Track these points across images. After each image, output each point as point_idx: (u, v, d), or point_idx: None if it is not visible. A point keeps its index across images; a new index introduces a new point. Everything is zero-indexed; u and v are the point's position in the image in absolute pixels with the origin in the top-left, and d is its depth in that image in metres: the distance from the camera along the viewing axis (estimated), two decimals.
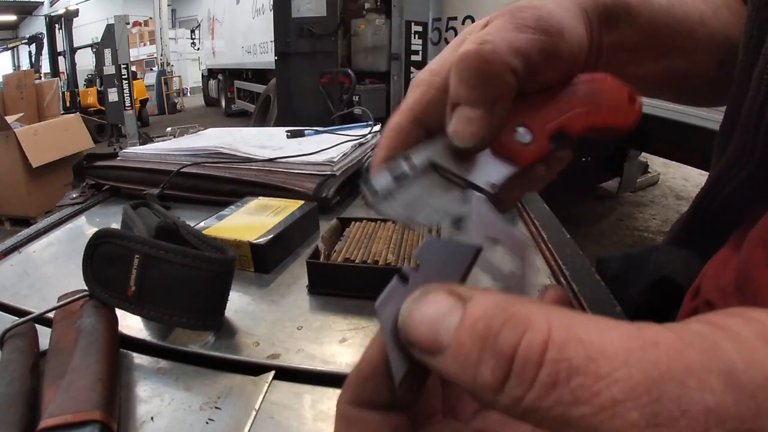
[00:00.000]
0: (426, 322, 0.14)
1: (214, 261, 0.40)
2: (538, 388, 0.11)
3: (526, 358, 0.11)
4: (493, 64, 0.19)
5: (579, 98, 0.23)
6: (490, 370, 0.12)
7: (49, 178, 3.31)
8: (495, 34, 0.20)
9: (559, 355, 0.11)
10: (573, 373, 0.11)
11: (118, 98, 4.43)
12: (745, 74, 0.28)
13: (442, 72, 0.22)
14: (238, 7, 5.86)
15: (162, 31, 11.70)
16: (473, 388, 0.12)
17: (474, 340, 0.12)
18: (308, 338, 0.42)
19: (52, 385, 0.31)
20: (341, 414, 0.16)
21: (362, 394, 0.16)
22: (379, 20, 2.87)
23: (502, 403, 0.12)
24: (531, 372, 0.11)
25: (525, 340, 0.12)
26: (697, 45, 0.29)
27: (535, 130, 0.21)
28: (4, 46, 11.00)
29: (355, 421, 0.15)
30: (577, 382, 0.11)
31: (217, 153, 0.83)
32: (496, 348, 0.12)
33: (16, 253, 0.62)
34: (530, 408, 0.11)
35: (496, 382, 0.12)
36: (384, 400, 0.15)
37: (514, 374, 0.12)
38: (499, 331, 0.12)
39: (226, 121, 7.41)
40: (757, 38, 0.27)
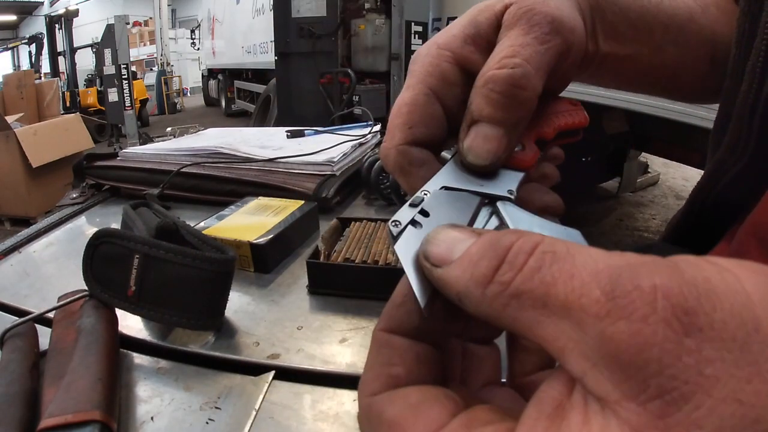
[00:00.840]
0: (446, 241, 0.16)
1: (214, 261, 0.40)
2: (525, 271, 0.13)
3: (519, 249, 0.14)
4: (524, 90, 0.20)
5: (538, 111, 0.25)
6: (487, 261, 0.14)
7: (49, 178, 3.31)
8: (522, 53, 0.20)
9: (548, 248, 0.13)
10: (555, 260, 0.13)
11: (118, 98, 4.43)
12: (737, 68, 0.28)
13: (451, 46, 0.22)
14: (238, 7, 5.86)
15: (162, 31, 11.70)
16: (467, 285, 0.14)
17: (479, 248, 0.15)
18: (308, 338, 0.42)
19: (52, 385, 0.31)
20: (374, 339, 0.17)
21: (393, 321, 0.17)
22: (379, 20, 2.87)
23: (489, 294, 0.14)
24: (522, 259, 0.13)
25: (521, 240, 0.14)
26: (687, 41, 0.30)
27: (523, 140, 0.23)
28: (4, 46, 11.00)
29: (386, 344, 0.17)
30: (557, 267, 0.13)
31: (217, 153, 0.83)
32: (497, 245, 0.14)
33: (16, 253, 0.62)
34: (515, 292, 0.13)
35: (489, 269, 0.14)
36: (412, 327, 0.17)
37: (507, 261, 0.14)
38: (503, 236, 0.14)
39: (226, 121, 7.41)
40: (749, 32, 0.27)
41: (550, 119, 0.25)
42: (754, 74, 0.26)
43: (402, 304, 0.17)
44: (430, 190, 0.21)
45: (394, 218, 0.20)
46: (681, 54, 0.30)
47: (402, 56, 2.71)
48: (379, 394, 0.16)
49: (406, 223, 0.19)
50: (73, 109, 6.16)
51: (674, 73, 0.31)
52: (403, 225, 0.19)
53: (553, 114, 0.26)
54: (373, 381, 0.16)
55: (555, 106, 0.27)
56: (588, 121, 0.26)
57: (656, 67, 0.29)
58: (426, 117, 0.22)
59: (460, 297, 0.15)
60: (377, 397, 0.16)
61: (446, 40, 0.22)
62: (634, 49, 0.28)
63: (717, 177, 0.31)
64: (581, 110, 0.27)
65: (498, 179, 0.22)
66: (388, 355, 0.17)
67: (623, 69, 0.28)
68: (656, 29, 0.28)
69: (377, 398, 0.16)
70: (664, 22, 0.29)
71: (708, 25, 0.31)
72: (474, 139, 0.20)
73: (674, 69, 0.30)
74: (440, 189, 0.21)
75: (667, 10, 0.29)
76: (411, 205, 0.20)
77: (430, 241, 0.16)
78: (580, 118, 0.26)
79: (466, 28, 0.23)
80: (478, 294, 0.14)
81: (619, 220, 3.09)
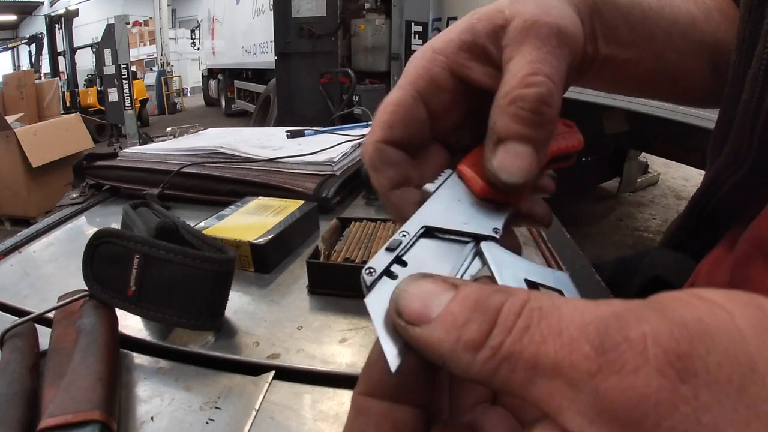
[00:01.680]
0: (420, 295, 0.15)
1: (214, 261, 0.40)
2: (515, 332, 0.13)
3: (509, 311, 0.13)
4: (551, 108, 0.19)
5: None
6: (477, 326, 0.13)
7: (49, 178, 3.31)
8: (543, 70, 0.20)
9: (534, 305, 0.13)
10: (543, 316, 0.13)
11: (118, 98, 4.43)
12: (738, 76, 0.28)
13: (446, 51, 0.22)
14: (238, 7, 5.86)
15: (162, 31, 11.70)
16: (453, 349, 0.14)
17: (464, 307, 0.14)
18: (308, 338, 0.42)
19: (52, 385, 0.31)
20: (353, 402, 0.17)
21: (369, 383, 0.16)
22: (379, 20, 2.87)
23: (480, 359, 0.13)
24: (511, 320, 0.13)
25: (510, 300, 0.14)
26: (689, 46, 0.29)
27: None
28: (4, 46, 11.00)
29: (363, 411, 0.16)
30: (545, 324, 0.13)
31: (217, 153, 0.83)
32: (485, 307, 0.14)
33: (16, 253, 0.62)
34: (506, 355, 0.13)
35: (481, 335, 0.13)
36: (389, 385, 0.16)
37: (498, 324, 0.13)
38: (489, 297, 0.14)
39: (226, 121, 7.41)
40: (750, 40, 0.27)
41: None
42: (756, 83, 0.26)
43: (376, 363, 0.16)
44: (410, 231, 0.19)
45: (368, 265, 0.18)
46: (682, 60, 0.29)
47: (402, 56, 2.71)
48: None
49: (381, 272, 0.18)
50: (73, 109, 6.16)
51: (675, 78, 0.30)
52: (377, 273, 0.18)
53: None
54: None
55: None
56: (583, 144, 0.25)
57: (657, 72, 0.29)
58: (408, 119, 0.22)
59: (444, 360, 0.14)
60: None
61: (442, 45, 0.22)
62: (634, 53, 0.27)
63: (717, 185, 0.31)
64: (576, 132, 0.25)
65: (484, 215, 0.20)
66: (364, 424, 0.16)
67: (624, 73, 0.28)
68: (658, 34, 0.28)
69: None
70: (665, 28, 0.28)
71: (710, 32, 0.30)
72: (505, 158, 0.19)
73: (675, 74, 0.30)
74: (421, 228, 0.20)
75: (668, 15, 0.29)
76: (387, 249, 0.19)
77: (402, 296, 0.15)
78: (574, 141, 0.25)
79: (462, 34, 0.22)
80: (468, 359, 0.13)
81: (619, 220, 3.09)
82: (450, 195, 0.21)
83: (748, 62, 0.27)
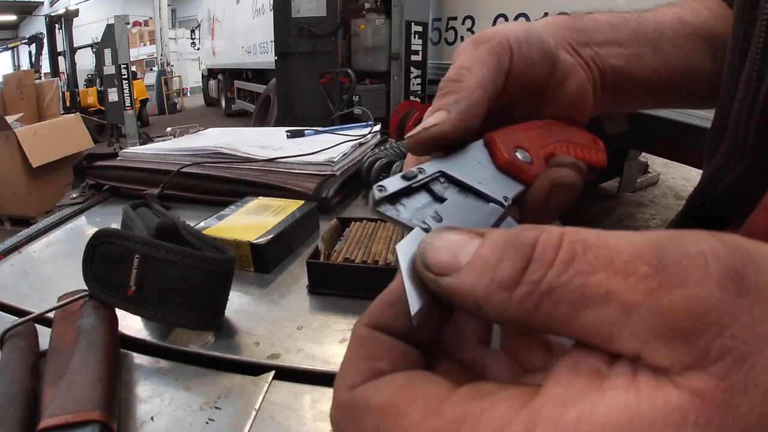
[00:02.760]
0: (447, 246, 0.14)
1: (214, 261, 0.40)
2: (557, 265, 0.12)
3: (546, 244, 0.13)
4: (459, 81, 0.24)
5: (557, 133, 0.25)
6: (511, 263, 0.13)
7: (49, 178, 3.31)
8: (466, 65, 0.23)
9: (575, 237, 0.13)
10: (588, 247, 0.12)
11: (118, 98, 4.43)
12: (733, 76, 0.29)
13: None
14: (238, 7, 5.86)
15: (162, 31, 11.69)
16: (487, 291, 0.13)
17: (495, 249, 0.14)
18: (308, 338, 0.42)
19: (52, 385, 0.31)
20: (356, 333, 0.16)
21: (380, 320, 0.16)
22: (379, 20, 2.87)
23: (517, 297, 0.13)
24: (551, 254, 0.13)
25: (545, 234, 0.13)
26: (684, 40, 0.31)
27: (533, 153, 0.23)
28: (4, 46, 11.00)
29: (369, 340, 0.16)
30: (593, 253, 0.12)
31: (217, 153, 0.83)
32: (518, 243, 0.13)
33: (16, 253, 0.62)
34: (549, 289, 0.12)
35: (516, 272, 0.13)
36: (400, 329, 0.16)
37: (536, 259, 0.13)
38: (521, 234, 0.13)
39: (226, 121, 7.41)
40: (744, 40, 0.28)
41: (569, 146, 0.25)
42: (749, 83, 0.26)
43: (393, 305, 0.16)
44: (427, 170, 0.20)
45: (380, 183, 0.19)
46: (682, 53, 0.31)
47: (402, 56, 2.70)
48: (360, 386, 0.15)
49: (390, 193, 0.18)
50: (73, 109, 6.16)
51: (682, 74, 0.31)
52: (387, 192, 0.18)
53: (572, 143, 0.26)
54: (354, 375, 0.15)
55: (577, 135, 0.27)
56: (605, 163, 0.26)
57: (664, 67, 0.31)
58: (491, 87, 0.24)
59: (479, 305, 0.13)
60: (359, 388, 0.14)
61: None
62: (632, 49, 0.29)
63: (714, 183, 0.31)
64: (602, 151, 0.26)
65: (498, 183, 0.21)
66: (371, 349, 0.15)
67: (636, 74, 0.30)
68: (648, 31, 0.30)
69: (360, 389, 0.14)
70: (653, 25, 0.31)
71: (700, 25, 0.32)
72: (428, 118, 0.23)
73: (681, 69, 0.31)
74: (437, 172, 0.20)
75: (651, 16, 0.31)
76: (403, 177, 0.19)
77: (428, 248, 0.15)
78: (598, 159, 0.26)
79: None
80: (503, 299, 0.13)
81: (619, 220, 3.09)
82: (472, 156, 0.22)
83: (742, 62, 0.27)
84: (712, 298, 0.11)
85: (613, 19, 0.31)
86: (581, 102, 0.28)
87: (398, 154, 0.82)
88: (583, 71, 0.28)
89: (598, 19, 0.30)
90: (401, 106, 1.32)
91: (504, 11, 2.23)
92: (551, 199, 0.22)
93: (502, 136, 0.23)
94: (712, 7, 0.34)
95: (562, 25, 0.29)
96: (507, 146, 0.22)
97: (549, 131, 0.25)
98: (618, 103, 0.31)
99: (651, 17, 0.31)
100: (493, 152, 0.22)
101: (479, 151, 0.22)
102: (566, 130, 0.26)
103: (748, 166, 0.28)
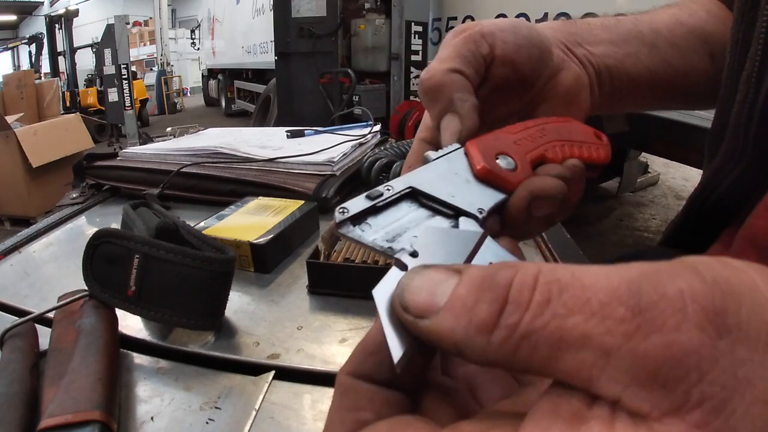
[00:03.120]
0: (424, 286, 0.14)
1: (214, 261, 0.40)
2: (533, 308, 0.12)
3: (521, 286, 0.13)
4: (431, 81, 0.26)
5: (551, 133, 0.24)
6: (487, 305, 0.13)
7: (49, 178, 3.31)
8: None
9: (550, 277, 0.12)
10: (563, 288, 0.12)
11: (118, 98, 4.43)
12: (732, 77, 0.29)
13: None
14: (238, 7, 5.86)
15: (162, 31, 11.69)
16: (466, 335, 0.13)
17: (471, 288, 0.13)
18: (308, 338, 0.42)
19: (52, 385, 0.31)
20: (339, 383, 0.16)
21: (362, 369, 0.16)
22: (379, 20, 2.87)
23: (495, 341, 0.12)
24: (526, 296, 0.12)
25: (519, 274, 0.13)
26: (682, 40, 0.31)
27: (517, 159, 0.22)
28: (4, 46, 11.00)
29: (351, 390, 0.16)
30: (568, 295, 0.12)
31: (217, 153, 0.83)
32: (493, 284, 0.13)
33: (16, 253, 0.62)
34: (526, 333, 0.12)
35: (492, 315, 0.13)
36: (383, 377, 0.16)
37: (511, 302, 0.12)
38: (495, 274, 0.13)
39: (226, 121, 7.41)
40: (744, 41, 0.28)
41: (563, 145, 0.24)
42: (750, 84, 0.26)
43: (373, 353, 0.16)
44: (394, 187, 0.19)
45: (343, 205, 0.18)
46: (679, 53, 0.31)
47: (402, 56, 2.71)
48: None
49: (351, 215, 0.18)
50: (73, 109, 6.15)
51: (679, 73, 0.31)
52: (349, 214, 0.18)
53: (568, 141, 0.24)
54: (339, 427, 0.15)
55: (576, 131, 0.25)
56: (609, 159, 0.24)
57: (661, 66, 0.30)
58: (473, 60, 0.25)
59: (459, 348, 0.13)
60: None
61: None
62: (628, 48, 0.29)
63: (714, 184, 0.31)
64: (605, 146, 0.25)
65: (474, 194, 0.20)
66: (354, 399, 0.16)
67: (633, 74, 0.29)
68: (644, 31, 0.30)
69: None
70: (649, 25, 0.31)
71: (698, 25, 0.32)
72: None
73: (678, 68, 0.31)
74: (407, 188, 0.19)
75: (645, 17, 0.31)
76: (367, 197, 0.19)
77: (406, 290, 0.14)
78: (600, 155, 0.24)
79: None
80: (482, 342, 0.13)
81: (619, 220, 3.09)
82: (449, 167, 0.21)
83: (742, 64, 0.27)
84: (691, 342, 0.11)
85: (606, 22, 0.31)
86: (577, 96, 0.28)
87: (398, 154, 0.82)
88: (577, 67, 0.28)
89: (592, 22, 0.30)
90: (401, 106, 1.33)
91: (504, 11, 2.23)
92: (533, 211, 0.22)
93: (482, 142, 0.22)
94: (710, 9, 0.34)
95: (555, 28, 0.29)
96: (486, 153, 0.21)
97: (541, 131, 0.24)
98: (616, 103, 0.31)
99: (647, 18, 0.31)
100: (471, 161, 0.21)
101: (459, 161, 0.22)
102: (563, 128, 0.25)
103: (748, 167, 0.28)
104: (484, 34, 0.25)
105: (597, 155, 0.24)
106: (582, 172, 0.24)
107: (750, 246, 0.26)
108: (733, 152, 0.29)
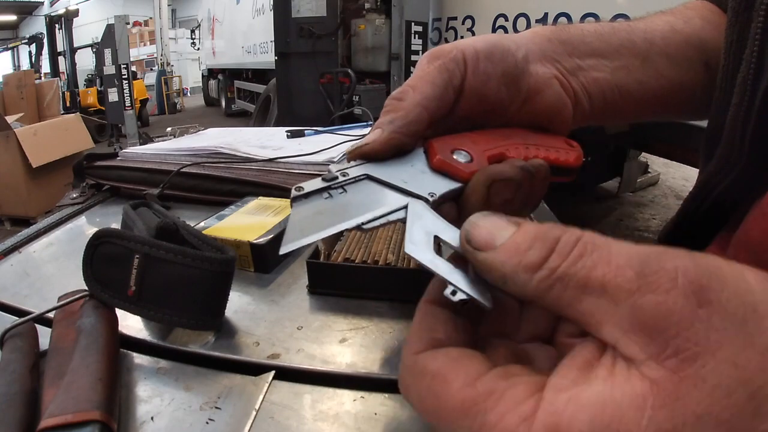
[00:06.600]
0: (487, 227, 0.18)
1: (214, 261, 0.40)
2: (570, 258, 0.16)
3: (566, 242, 0.16)
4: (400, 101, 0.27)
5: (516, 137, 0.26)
6: (537, 251, 0.16)
7: (49, 178, 3.31)
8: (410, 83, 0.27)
9: (588, 239, 0.16)
10: (595, 248, 0.16)
11: (118, 98, 4.43)
12: (728, 79, 0.28)
13: None
14: (238, 7, 5.86)
15: (162, 31, 11.69)
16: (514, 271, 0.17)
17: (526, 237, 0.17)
18: (308, 338, 0.42)
19: (52, 385, 0.31)
20: (420, 308, 0.20)
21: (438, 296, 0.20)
22: (379, 20, 2.87)
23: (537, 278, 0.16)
24: (568, 249, 0.16)
25: (566, 233, 0.17)
26: (676, 49, 0.31)
27: (473, 154, 0.24)
28: (4, 46, 11.00)
29: (429, 313, 0.20)
30: (597, 254, 0.16)
31: (217, 153, 0.83)
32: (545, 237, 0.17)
33: (16, 253, 0.62)
34: (562, 274, 0.16)
35: (541, 259, 0.16)
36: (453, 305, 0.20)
37: (556, 251, 0.16)
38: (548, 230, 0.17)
39: (226, 121, 7.41)
40: (738, 43, 0.27)
41: (528, 147, 0.25)
42: (745, 86, 0.26)
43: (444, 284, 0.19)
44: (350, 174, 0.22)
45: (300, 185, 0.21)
46: (673, 64, 0.31)
47: (402, 56, 2.70)
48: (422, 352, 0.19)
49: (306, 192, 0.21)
50: (73, 109, 6.15)
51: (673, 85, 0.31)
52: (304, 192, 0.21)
53: (532, 144, 0.26)
54: (418, 342, 0.19)
55: (547, 139, 0.27)
56: (579, 162, 0.27)
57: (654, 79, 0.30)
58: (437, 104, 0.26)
59: (505, 279, 0.17)
60: (421, 354, 0.19)
61: None
62: (620, 60, 0.30)
63: (710, 187, 0.31)
64: (575, 150, 0.27)
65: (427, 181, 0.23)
66: (431, 321, 0.20)
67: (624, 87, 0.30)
68: (637, 41, 0.30)
69: (421, 355, 0.18)
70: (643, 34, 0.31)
71: (693, 33, 0.32)
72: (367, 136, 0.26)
73: (673, 80, 0.31)
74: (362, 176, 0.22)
75: (639, 25, 0.31)
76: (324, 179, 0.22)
77: (473, 226, 0.18)
78: (568, 158, 0.26)
79: None
80: (526, 278, 0.16)
81: (619, 220, 3.09)
82: (407, 160, 0.24)
83: (737, 65, 0.27)
84: (675, 305, 0.14)
85: (600, 28, 0.30)
86: (558, 114, 0.28)
87: None
88: (559, 83, 0.28)
89: (585, 29, 0.30)
90: None
91: (504, 11, 2.22)
92: (492, 196, 0.23)
93: (442, 140, 0.24)
94: (707, 16, 0.33)
95: (546, 37, 0.29)
96: (443, 148, 0.24)
97: (505, 135, 0.26)
98: (609, 116, 0.31)
99: (641, 26, 0.31)
100: (428, 154, 0.24)
101: (417, 156, 0.24)
102: (530, 134, 0.26)
103: (745, 170, 0.28)
104: (458, 62, 0.26)
105: (566, 158, 0.26)
106: (546, 171, 0.25)
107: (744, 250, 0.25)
108: (729, 155, 0.28)
